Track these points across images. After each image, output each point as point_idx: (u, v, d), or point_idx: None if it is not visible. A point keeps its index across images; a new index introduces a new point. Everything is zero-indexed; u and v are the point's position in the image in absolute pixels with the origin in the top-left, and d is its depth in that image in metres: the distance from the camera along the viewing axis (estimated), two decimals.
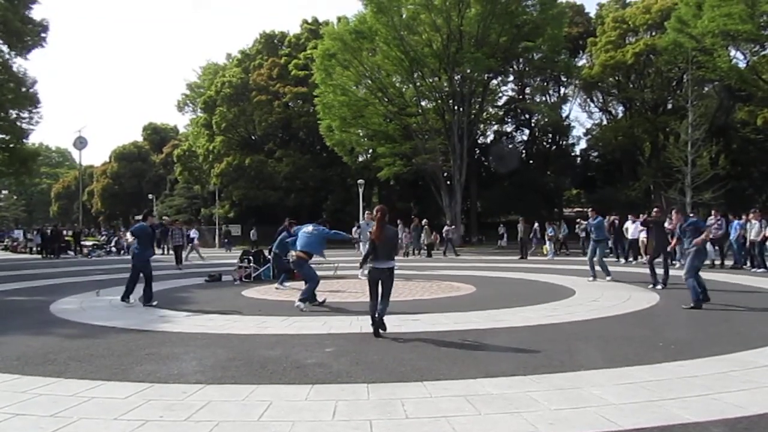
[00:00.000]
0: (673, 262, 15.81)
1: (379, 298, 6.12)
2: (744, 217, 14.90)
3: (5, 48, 23.27)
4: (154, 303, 8.86)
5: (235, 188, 40.65)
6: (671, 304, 8.36)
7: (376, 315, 6.05)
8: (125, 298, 9.02)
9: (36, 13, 23.73)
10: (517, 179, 38.16)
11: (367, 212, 15.23)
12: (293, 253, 9.02)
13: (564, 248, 22.89)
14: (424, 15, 28.29)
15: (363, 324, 6.90)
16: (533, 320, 7.14)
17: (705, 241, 8.26)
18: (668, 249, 10.60)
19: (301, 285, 11.91)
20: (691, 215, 9.12)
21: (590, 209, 14.85)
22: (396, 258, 6.53)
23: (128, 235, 9.69)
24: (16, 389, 4.31)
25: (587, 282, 11.33)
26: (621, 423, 3.43)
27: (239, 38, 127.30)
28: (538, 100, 40.37)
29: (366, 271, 13.08)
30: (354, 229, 27.34)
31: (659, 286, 10.14)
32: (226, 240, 34.86)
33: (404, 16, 28.73)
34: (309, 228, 9.07)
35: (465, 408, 3.75)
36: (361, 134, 34.15)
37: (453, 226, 21.78)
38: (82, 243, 29.15)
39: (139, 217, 9.98)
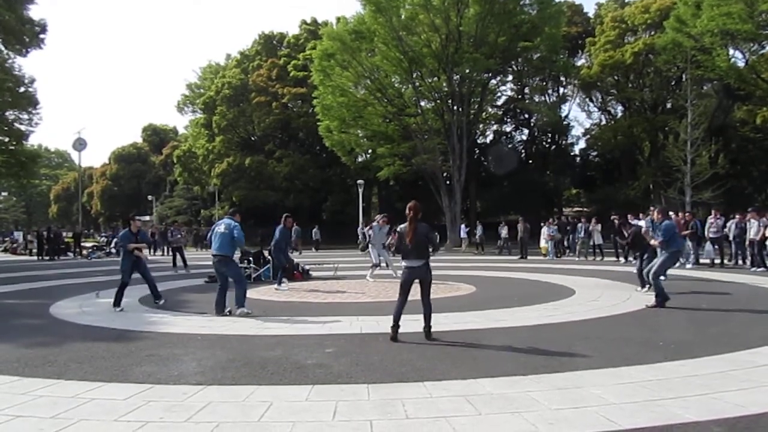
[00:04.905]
0: None
1: (422, 301, 6.04)
2: (738, 216, 14.88)
3: (2, 47, 23.19)
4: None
5: (235, 189, 40.64)
6: (671, 304, 8.35)
7: (424, 320, 6.01)
8: (156, 300, 9.10)
9: (34, 13, 23.70)
10: (517, 179, 38.19)
11: (379, 216, 14.36)
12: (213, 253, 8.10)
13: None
14: (422, 15, 28.26)
15: (363, 325, 6.92)
16: (533, 320, 7.14)
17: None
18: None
19: (302, 285, 12.03)
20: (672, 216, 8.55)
21: (655, 208, 14.47)
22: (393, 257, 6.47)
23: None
24: (16, 391, 4.31)
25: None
26: (621, 423, 3.44)
27: (239, 39, 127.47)
28: (537, 100, 40.42)
29: (374, 273, 13.00)
30: (359, 229, 27.22)
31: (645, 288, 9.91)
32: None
33: (403, 16, 28.67)
34: (221, 227, 8.05)
35: (465, 408, 3.75)
36: (360, 135, 34.10)
37: (528, 225, 21.17)
38: (82, 244, 29.12)
39: (147, 219, 9.96)
